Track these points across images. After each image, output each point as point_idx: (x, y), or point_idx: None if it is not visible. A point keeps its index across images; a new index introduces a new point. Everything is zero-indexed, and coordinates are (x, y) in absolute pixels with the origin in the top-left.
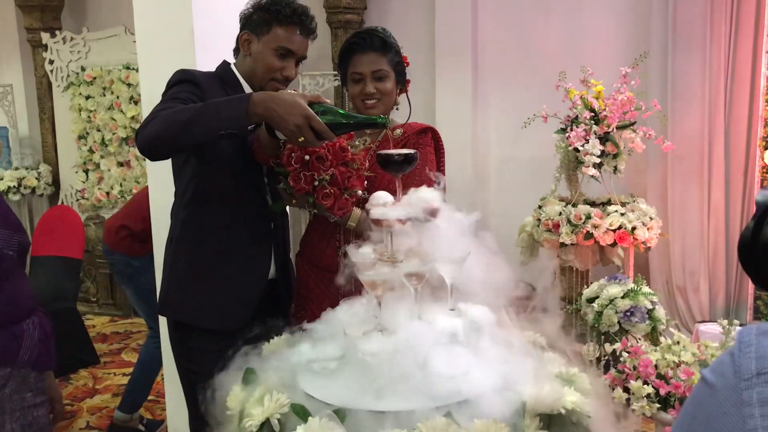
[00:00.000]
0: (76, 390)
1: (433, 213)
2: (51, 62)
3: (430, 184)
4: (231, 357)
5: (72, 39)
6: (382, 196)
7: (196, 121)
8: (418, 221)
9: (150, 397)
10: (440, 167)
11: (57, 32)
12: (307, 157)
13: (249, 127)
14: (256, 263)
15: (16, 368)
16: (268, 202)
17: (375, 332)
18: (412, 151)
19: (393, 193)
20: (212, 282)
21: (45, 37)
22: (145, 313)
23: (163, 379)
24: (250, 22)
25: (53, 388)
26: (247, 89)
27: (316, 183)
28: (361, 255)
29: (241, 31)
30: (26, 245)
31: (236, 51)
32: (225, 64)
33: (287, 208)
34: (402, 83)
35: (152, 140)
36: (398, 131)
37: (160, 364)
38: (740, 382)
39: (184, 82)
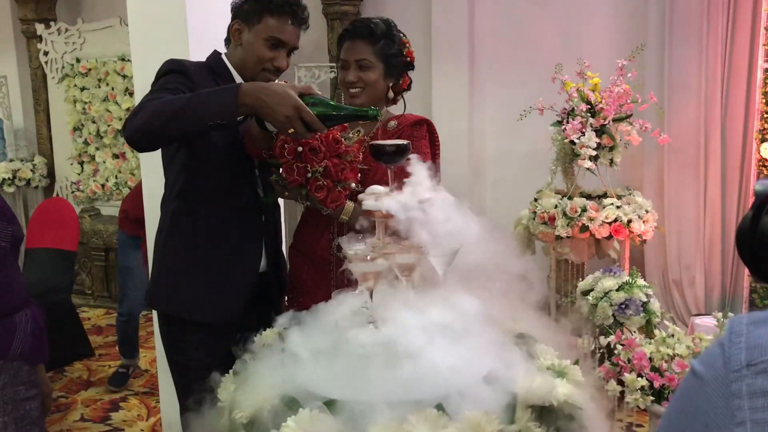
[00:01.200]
0: (70, 382)
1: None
2: (46, 53)
3: None
4: (222, 350)
5: (67, 30)
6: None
7: (184, 111)
8: (410, 213)
9: (144, 390)
10: (435, 159)
11: (52, 23)
12: (300, 149)
13: (238, 118)
14: (246, 256)
15: (9, 361)
16: (260, 195)
17: (366, 324)
18: (404, 141)
19: (387, 185)
20: (202, 275)
21: (40, 28)
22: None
23: (157, 371)
24: (241, 12)
25: (44, 383)
26: (238, 80)
27: (309, 175)
28: (353, 247)
29: (232, 21)
30: (19, 237)
31: (227, 41)
32: (216, 54)
33: (280, 200)
34: (394, 77)
35: (140, 131)
36: (392, 123)
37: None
38: (729, 374)
39: (173, 72)
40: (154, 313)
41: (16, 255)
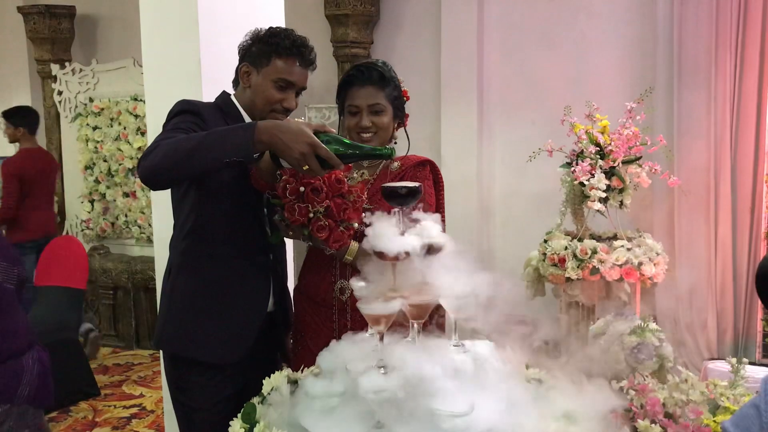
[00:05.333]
0: (75, 422)
1: (438, 247)
2: (60, 93)
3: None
4: (228, 391)
5: (81, 70)
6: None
7: (201, 148)
8: (422, 255)
9: (149, 431)
10: (439, 200)
11: (67, 64)
12: (302, 189)
13: (255, 155)
14: (255, 296)
15: (15, 404)
16: (267, 234)
17: (377, 368)
18: (416, 184)
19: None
20: (210, 315)
21: (55, 68)
22: None
23: (163, 412)
24: (249, 54)
25: (44, 426)
26: (248, 120)
27: (311, 215)
28: (364, 288)
29: (240, 63)
30: (24, 278)
31: (236, 82)
32: (225, 95)
33: (287, 239)
34: (400, 118)
35: (155, 169)
36: (396, 164)
37: None
38: None
39: (185, 113)
40: (161, 353)
41: (20, 297)
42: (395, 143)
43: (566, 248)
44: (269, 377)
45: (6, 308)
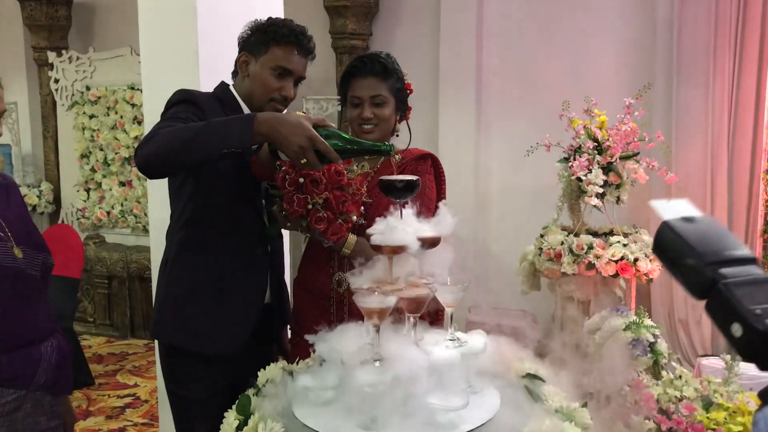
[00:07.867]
0: None
1: (435, 241)
2: (56, 81)
3: (430, 211)
4: (223, 383)
5: (78, 58)
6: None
7: (199, 138)
8: (419, 249)
9: (143, 421)
10: (440, 194)
11: (63, 51)
12: (301, 180)
13: (253, 147)
14: (252, 287)
15: (31, 391)
16: (266, 225)
17: (372, 361)
18: (414, 177)
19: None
20: (207, 306)
21: (51, 56)
22: None
23: (157, 402)
24: (248, 44)
25: (69, 414)
26: (246, 110)
27: (310, 206)
28: (359, 281)
29: (239, 53)
30: (50, 265)
31: (235, 73)
32: (224, 85)
33: (284, 231)
34: (402, 110)
35: (152, 158)
36: (397, 157)
37: None
38: None
39: (184, 102)
40: (156, 343)
41: (46, 284)
42: (397, 136)
43: (562, 243)
44: (265, 369)
45: (28, 295)
